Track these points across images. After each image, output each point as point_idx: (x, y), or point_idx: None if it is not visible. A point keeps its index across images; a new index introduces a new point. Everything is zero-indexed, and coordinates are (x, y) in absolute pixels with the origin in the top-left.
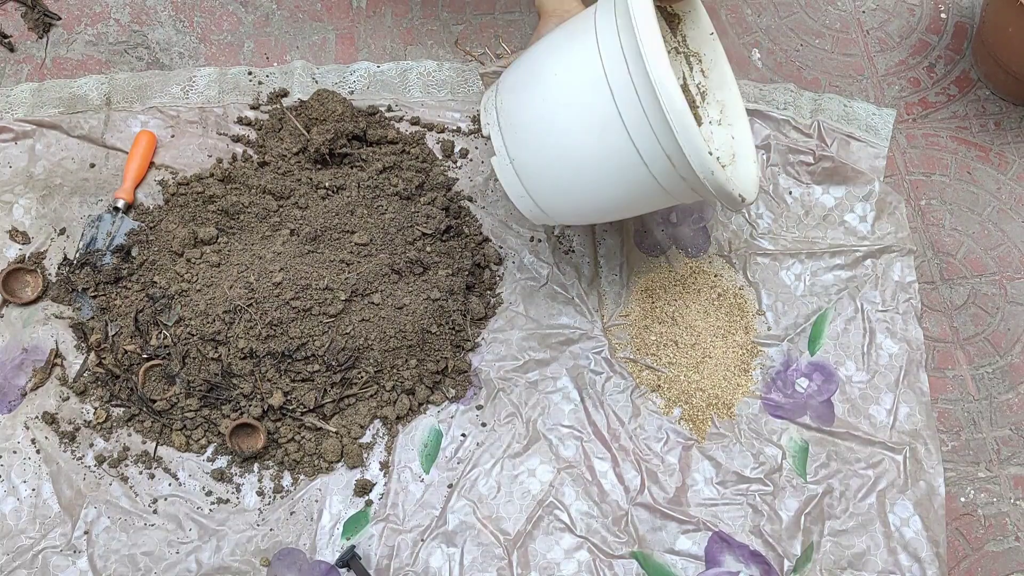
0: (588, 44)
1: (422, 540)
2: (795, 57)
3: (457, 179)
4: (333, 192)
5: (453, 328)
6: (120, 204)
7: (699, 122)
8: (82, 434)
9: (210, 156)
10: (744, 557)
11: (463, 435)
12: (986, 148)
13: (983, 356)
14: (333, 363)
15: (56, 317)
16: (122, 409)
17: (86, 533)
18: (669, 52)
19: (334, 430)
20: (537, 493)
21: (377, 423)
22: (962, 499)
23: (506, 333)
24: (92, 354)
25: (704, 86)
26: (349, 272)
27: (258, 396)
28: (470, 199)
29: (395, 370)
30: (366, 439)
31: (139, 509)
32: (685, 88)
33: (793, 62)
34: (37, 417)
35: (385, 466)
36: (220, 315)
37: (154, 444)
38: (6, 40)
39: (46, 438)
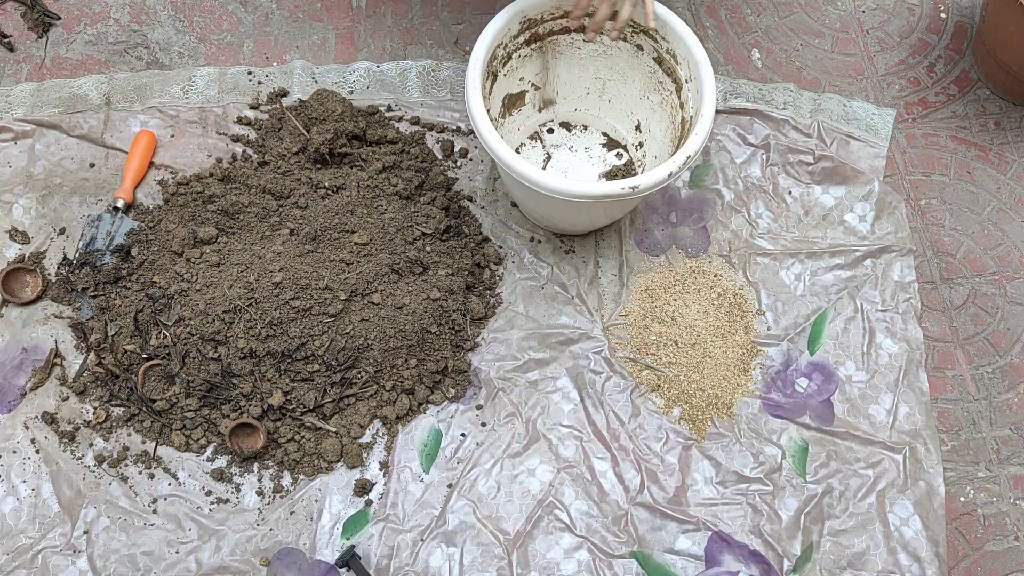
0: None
1: (422, 540)
2: (795, 57)
3: (457, 179)
4: (333, 192)
5: (453, 328)
6: (120, 204)
7: (680, 85)
8: (82, 434)
9: (210, 156)
10: (744, 557)
11: (463, 435)
12: (986, 148)
13: (983, 356)
14: (333, 363)
15: (56, 317)
16: (122, 409)
17: (86, 533)
18: (628, 38)
19: (334, 430)
20: (537, 493)
21: (377, 423)
22: (962, 499)
23: (506, 333)
24: (92, 354)
25: (672, 50)
26: (349, 272)
27: (258, 396)
28: (470, 199)
29: (395, 370)
30: (366, 439)
31: (139, 509)
32: (661, 58)
33: (793, 62)
34: (37, 417)
35: (385, 466)
36: (220, 315)
37: (154, 444)
38: (6, 40)
39: (46, 438)
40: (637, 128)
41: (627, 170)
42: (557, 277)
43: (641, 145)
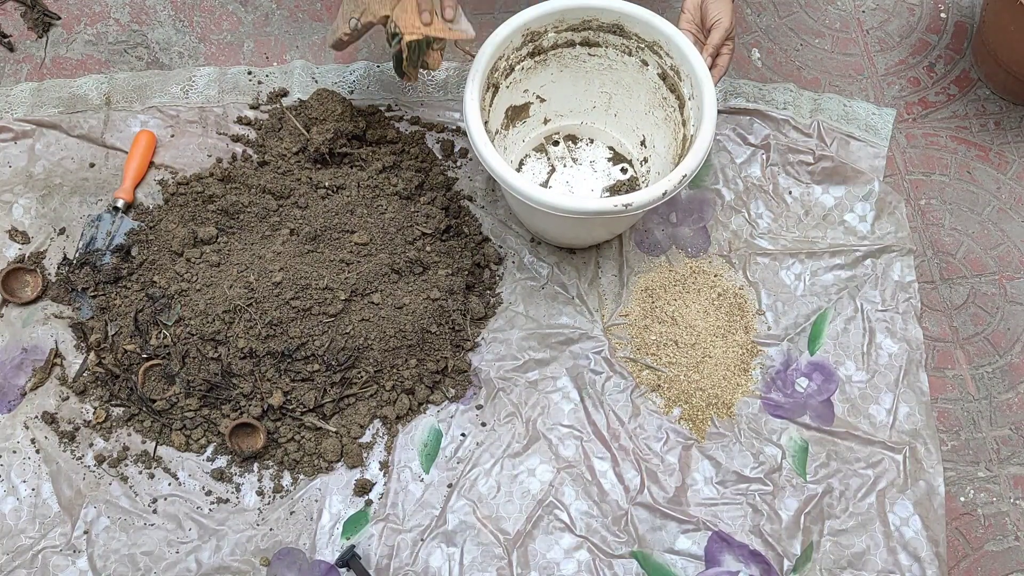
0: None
1: (422, 540)
2: (795, 57)
3: (457, 179)
4: (333, 192)
5: (453, 328)
6: (120, 204)
7: (683, 103)
8: (82, 434)
9: (210, 156)
10: (744, 557)
11: (463, 435)
12: (986, 148)
13: (983, 356)
14: (333, 363)
15: (56, 317)
16: (122, 409)
17: (86, 533)
18: (633, 53)
19: (334, 430)
20: (537, 493)
21: (377, 423)
22: (962, 499)
23: (506, 333)
24: (92, 354)
25: (676, 66)
26: (349, 272)
27: (258, 396)
28: (470, 199)
29: (395, 370)
30: (366, 439)
31: (139, 509)
32: (665, 75)
33: (793, 62)
34: (37, 417)
35: (385, 466)
36: (220, 315)
37: (154, 444)
38: (6, 40)
39: (46, 438)
40: (642, 143)
41: (631, 185)
42: (557, 277)
43: (646, 160)
